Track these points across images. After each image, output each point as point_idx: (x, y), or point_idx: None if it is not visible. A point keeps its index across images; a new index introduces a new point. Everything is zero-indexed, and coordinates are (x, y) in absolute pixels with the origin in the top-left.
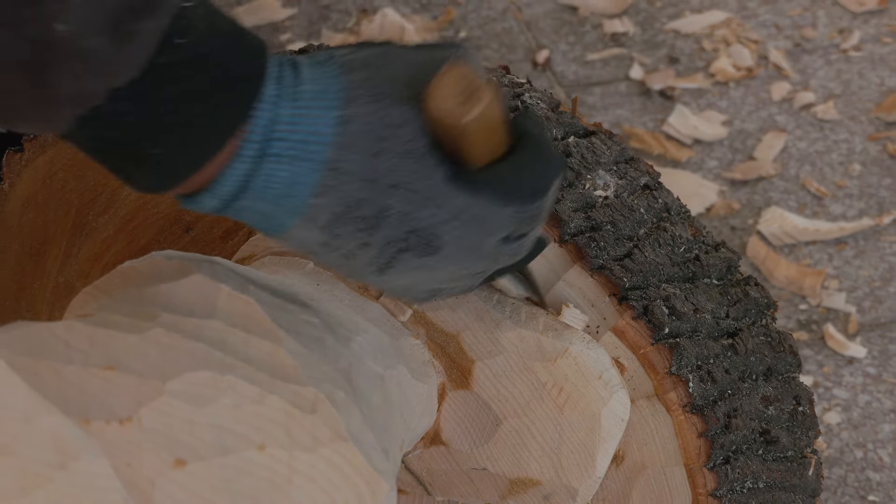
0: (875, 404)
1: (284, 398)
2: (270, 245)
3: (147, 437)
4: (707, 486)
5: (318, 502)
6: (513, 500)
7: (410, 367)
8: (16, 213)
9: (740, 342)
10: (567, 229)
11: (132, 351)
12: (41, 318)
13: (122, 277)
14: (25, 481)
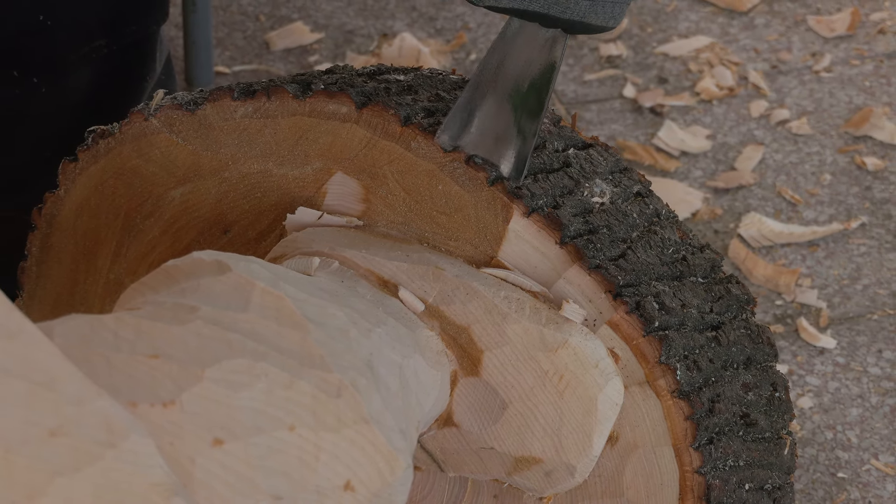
0: (843, 390)
1: (312, 384)
2: (299, 246)
3: (188, 418)
4: (693, 464)
5: (342, 478)
6: (518, 475)
7: (425, 357)
8: (71, 217)
9: (723, 334)
10: (567, 232)
11: (175, 341)
12: (93, 311)
13: (165, 275)
14: (78, 459)
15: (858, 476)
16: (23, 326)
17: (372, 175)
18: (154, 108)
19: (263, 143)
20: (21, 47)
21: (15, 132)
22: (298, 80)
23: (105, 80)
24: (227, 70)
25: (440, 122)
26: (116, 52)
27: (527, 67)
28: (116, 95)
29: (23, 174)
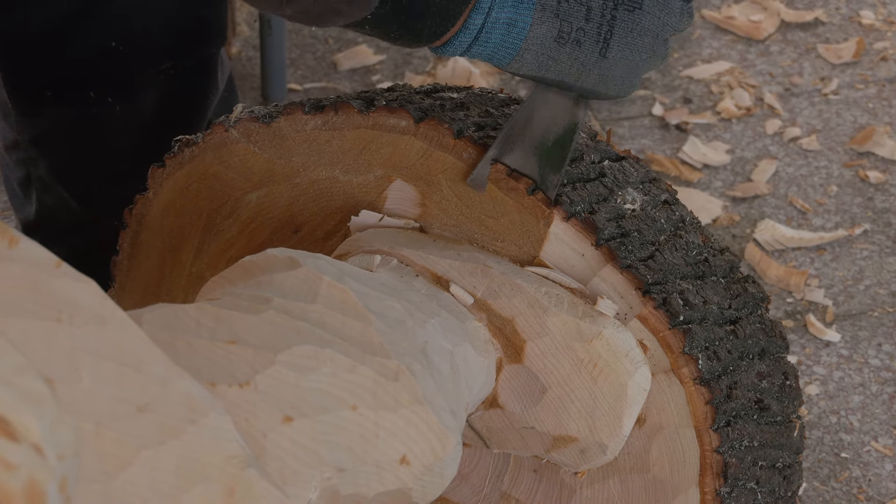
0: (847, 379)
1: (373, 368)
2: (362, 245)
3: (261, 398)
4: (712, 444)
5: (398, 453)
6: (555, 452)
7: (474, 345)
8: (158, 217)
9: (740, 328)
10: (602, 235)
11: (250, 328)
12: (177, 302)
13: (242, 269)
14: (163, 433)
15: (860, 456)
16: (114, 314)
17: (427, 182)
18: (234, 120)
19: (331, 152)
20: (97, 71)
21: (93, 146)
22: (363, 96)
23: (172, 98)
24: (298, 87)
25: (490, 135)
26: (181, 74)
27: (552, 125)
28: (183, 112)
29: (99, 183)
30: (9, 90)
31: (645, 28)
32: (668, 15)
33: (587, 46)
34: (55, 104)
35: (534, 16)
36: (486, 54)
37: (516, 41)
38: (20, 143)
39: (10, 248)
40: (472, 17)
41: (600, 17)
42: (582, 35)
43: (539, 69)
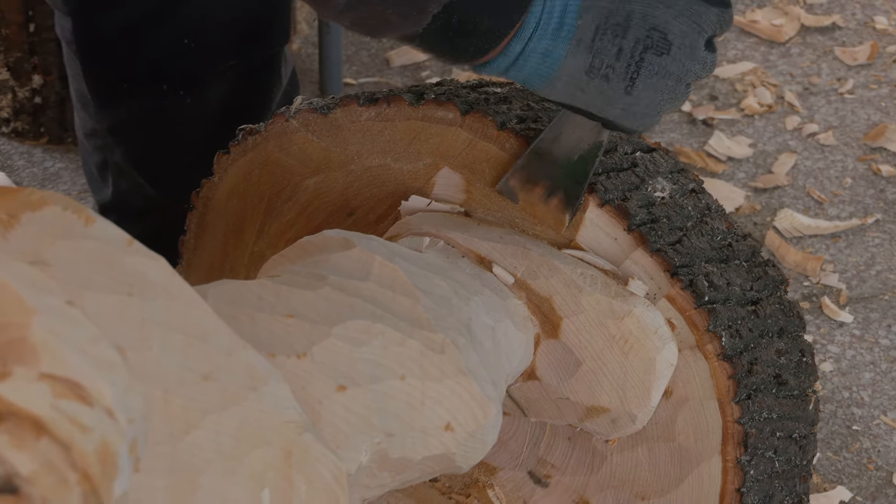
0: (858, 357)
1: (420, 342)
2: (411, 228)
3: (317, 368)
4: (733, 416)
5: (443, 420)
6: (588, 422)
7: (514, 321)
8: (223, 200)
9: (761, 308)
10: (634, 221)
11: (307, 303)
12: (240, 278)
13: (300, 249)
14: (226, 400)
15: (870, 429)
16: (182, 289)
17: (472, 170)
18: (294, 111)
19: (383, 141)
20: (169, 66)
21: (164, 135)
22: (413, 90)
23: (238, 92)
24: (353, 81)
25: (531, 127)
26: (248, 70)
27: (577, 144)
28: (248, 105)
29: (170, 169)
30: (88, 83)
31: (669, 72)
32: (692, 63)
33: (614, 82)
34: (130, 96)
35: (569, 48)
36: (521, 78)
37: (550, 70)
38: (98, 131)
39: (86, 227)
40: (512, 44)
41: (629, 57)
42: (611, 71)
43: (567, 97)
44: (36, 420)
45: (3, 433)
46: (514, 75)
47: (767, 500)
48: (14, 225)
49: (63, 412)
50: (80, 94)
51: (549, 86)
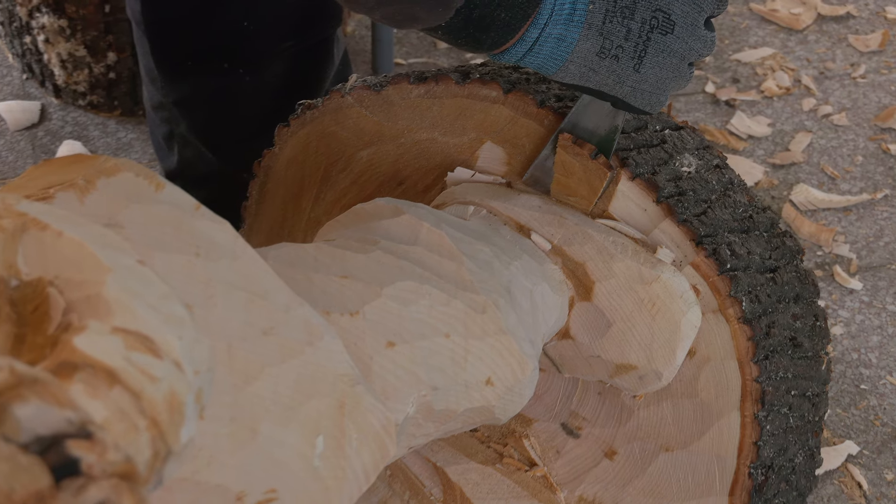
0: (867, 322)
1: (464, 302)
2: (456, 197)
3: (368, 325)
4: (752, 375)
5: (484, 375)
6: (617, 378)
7: (550, 285)
8: (282, 169)
9: (778, 276)
10: (662, 193)
11: (360, 265)
12: (297, 241)
13: (354, 215)
14: (285, 353)
15: (876, 388)
16: (245, 250)
17: (513, 144)
18: (349, 88)
19: (431, 117)
20: (230, 46)
21: (226, 109)
22: (459, 70)
23: (294, 71)
24: (403, 62)
25: (568, 105)
26: (303, 51)
27: (595, 129)
28: (303, 83)
29: (231, 140)
30: (156, 60)
31: (674, 50)
32: (695, 41)
33: (623, 62)
34: (194, 73)
35: (581, 32)
36: (537, 63)
37: (564, 53)
38: (164, 104)
39: (156, 192)
40: (529, 31)
41: (637, 37)
42: (620, 52)
43: (580, 79)
44: (109, 371)
45: (79, 382)
46: (529, 61)
47: (782, 452)
48: (90, 190)
49: (134, 364)
50: (148, 70)
51: (563, 69)
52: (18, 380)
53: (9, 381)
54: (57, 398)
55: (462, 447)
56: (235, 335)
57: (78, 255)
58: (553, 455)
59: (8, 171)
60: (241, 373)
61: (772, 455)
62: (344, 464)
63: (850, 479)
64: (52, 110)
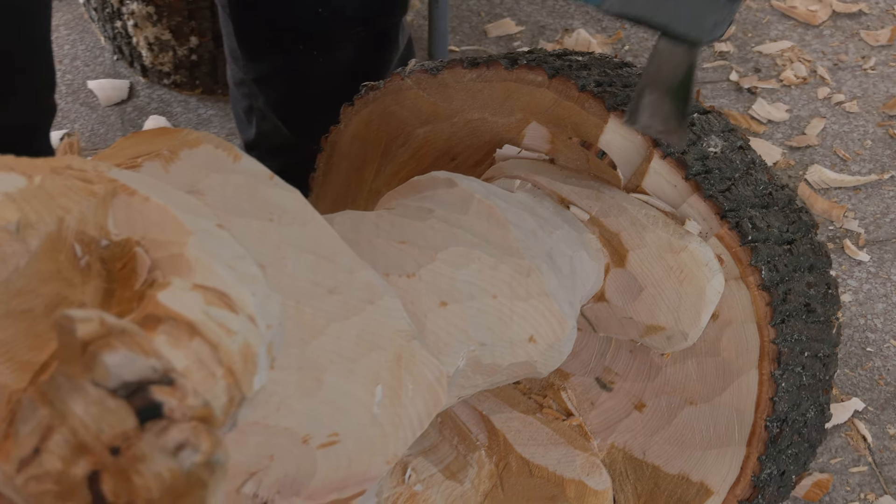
0: (873, 291)
1: (510, 266)
2: (504, 172)
3: (424, 286)
4: (769, 336)
5: (527, 333)
6: (647, 338)
7: (588, 252)
8: (347, 144)
9: (795, 247)
10: (690, 171)
11: (417, 232)
12: (360, 210)
13: (411, 186)
14: (348, 310)
15: (881, 351)
16: (313, 216)
17: (557, 125)
18: (408, 71)
19: (483, 99)
20: (306, 30)
21: (300, 87)
22: (508, 56)
23: (362, 54)
24: (456, 49)
25: (606, 90)
26: (371, 36)
27: (675, 70)
28: (370, 65)
29: (304, 116)
30: (238, 41)
31: None
32: None
33: None
34: (273, 53)
35: None
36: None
37: None
38: (245, 81)
39: (234, 163)
40: None
41: None
42: None
43: (622, 7)
44: (189, 323)
45: (162, 334)
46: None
47: (795, 408)
48: (174, 160)
49: (212, 317)
50: (231, 49)
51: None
52: (108, 330)
53: (99, 332)
54: (142, 348)
55: (506, 398)
56: (304, 293)
57: (162, 218)
58: (587, 406)
59: (99, 142)
60: (309, 328)
61: (786, 410)
62: (400, 411)
63: (855, 433)
64: (139, 88)
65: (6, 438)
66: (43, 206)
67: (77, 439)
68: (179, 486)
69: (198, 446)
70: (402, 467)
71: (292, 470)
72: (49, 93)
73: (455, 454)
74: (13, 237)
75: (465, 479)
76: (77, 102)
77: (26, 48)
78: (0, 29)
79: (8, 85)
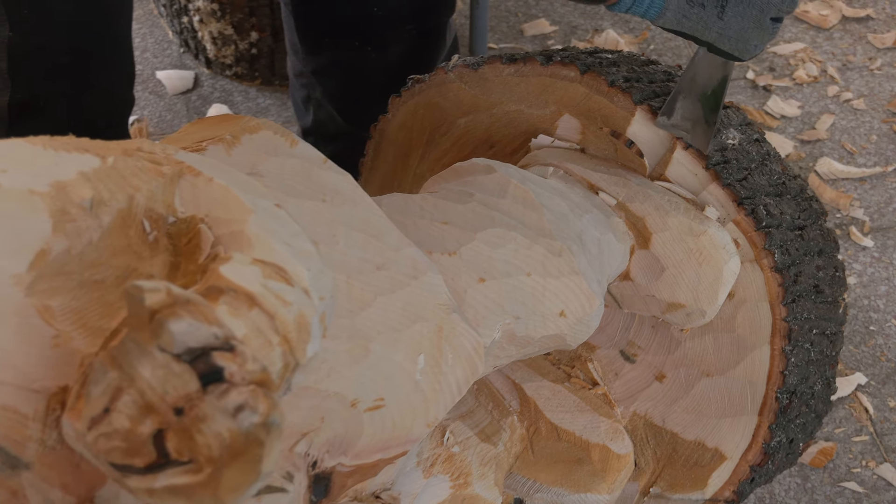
0: (876, 274)
1: (543, 247)
2: (539, 160)
3: (463, 264)
4: (781, 315)
5: (558, 308)
6: (668, 314)
7: (615, 234)
8: (394, 132)
9: (805, 233)
10: (710, 161)
11: (458, 214)
12: (406, 192)
13: (453, 172)
14: (394, 285)
15: (883, 329)
16: (363, 198)
17: (587, 117)
18: (451, 66)
19: (519, 92)
20: (361, 27)
21: (354, 79)
22: (544, 53)
23: (412, 51)
24: (495, 46)
25: (633, 85)
26: (420, 34)
27: (709, 79)
28: (419, 60)
29: (357, 106)
30: (299, 36)
31: (753, 2)
32: None
33: (709, 9)
34: (330, 48)
35: None
36: (641, 11)
37: (661, 2)
38: (304, 73)
39: (291, 148)
40: None
41: None
42: (706, 0)
43: (676, 24)
44: (249, 295)
45: (224, 304)
46: (636, 10)
47: (804, 381)
48: (236, 144)
49: (270, 289)
50: (292, 43)
51: (662, 16)
52: (173, 300)
53: (165, 301)
54: (205, 317)
55: (537, 368)
56: (353, 269)
57: (225, 197)
58: (612, 377)
59: (166, 128)
60: (358, 300)
61: (795, 382)
62: (440, 378)
63: (858, 405)
64: (203, 79)
65: (78, 399)
66: (115, 184)
67: (144, 400)
68: (238, 445)
69: (256, 408)
70: (441, 430)
71: (341, 431)
72: (129, 86)
73: (490, 419)
74: (87, 213)
75: (499, 441)
76: (147, 91)
77: (109, 44)
78: (86, 26)
79: (92, 79)
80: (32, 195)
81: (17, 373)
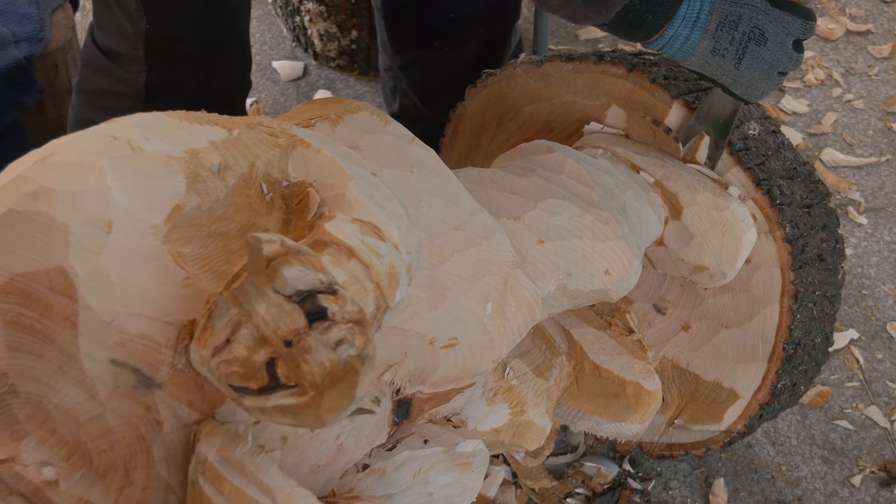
0: (869, 247)
1: (593, 216)
2: (590, 143)
3: (526, 227)
4: (790, 279)
5: (604, 267)
6: (695, 275)
7: (653, 207)
8: (469, 117)
9: (812, 211)
10: (734, 148)
11: (522, 186)
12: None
13: (519, 151)
14: (468, 243)
15: (874, 294)
16: (444, 170)
17: (632, 108)
18: (519, 62)
19: (575, 86)
20: (440, 30)
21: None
22: (596, 54)
23: (482, 50)
24: (554, 48)
25: (671, 82)
26: (490, 36)
27: (722, 112)
28: (488, 59)
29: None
30: (388, 36)
31: (765, 58)
32: (782, 55)
33: (728, 60)
34: (414, 47)
35: (701, 35)
36: (671, 53)
37: (689, 48)
38: (392, 67)
39: (385, 126)
40: (667, 31)
41: (738, 44)
42: (726, 52)
43: (699, 67)
44: (348, 248)
45: (328, 255)
46: (666, 51)
47: (807, 334)
48: (339, 122)
49: (366, 244)
50: (383, 43)
51: (688, 59)
52: (286, 250)
53: (280, 251)
54: (313, 265)
55: (583, 316)
56: (435, 229)
57: (330, 166)
58: (645, 326)
59: (280, 109)
60: (437, 255)
61: (800, 336)
62: (505, 323)
63: (851, 356)
64: (311, 69)
65: (204, 330)
66: (239, 153)
67: (259, 333)
68: (337, 372)
69: (353, 343)
70: (503, 366)
71: (421, 364)
72: (246, 72)
73: (543, 358)
74: (215, 176)
75: (550, 377)
76: (264, 78)
77: (229, 37)
78: (213, 21)
79: (215, 65)
80: (170, 159)
81: (154, 307)
